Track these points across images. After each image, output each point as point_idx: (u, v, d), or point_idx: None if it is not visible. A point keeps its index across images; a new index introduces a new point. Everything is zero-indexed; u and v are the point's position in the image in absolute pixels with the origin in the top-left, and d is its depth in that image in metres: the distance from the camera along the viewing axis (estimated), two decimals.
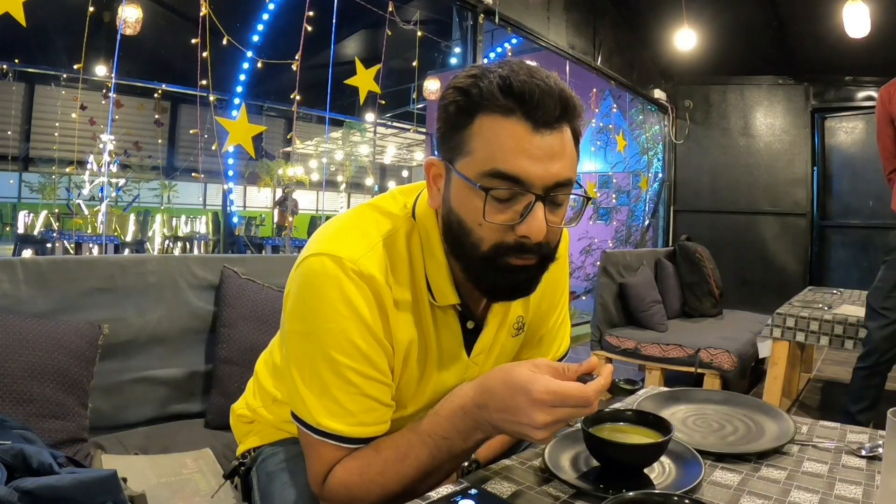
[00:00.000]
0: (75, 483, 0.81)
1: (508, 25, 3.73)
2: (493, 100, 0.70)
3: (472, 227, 0.73)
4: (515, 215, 0.71)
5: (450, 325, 0.84)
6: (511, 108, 0.69)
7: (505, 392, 0.69)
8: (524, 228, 0.71)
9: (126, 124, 10.57)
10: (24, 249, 7.53)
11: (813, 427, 0.95)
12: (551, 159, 0.70)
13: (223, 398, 1.51)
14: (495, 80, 0.70)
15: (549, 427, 0.67)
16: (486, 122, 0.70)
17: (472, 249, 0.74)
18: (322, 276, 0.74)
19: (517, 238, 0.72)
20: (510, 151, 0.69)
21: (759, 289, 5.30)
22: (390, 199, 0.85)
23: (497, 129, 0.70)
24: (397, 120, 13.84)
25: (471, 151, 0.71)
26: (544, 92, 0.69)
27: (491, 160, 0.70)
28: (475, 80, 0.71)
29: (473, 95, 0.71)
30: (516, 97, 0.69)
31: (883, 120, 2.46)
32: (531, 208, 0.71)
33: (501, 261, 0.74)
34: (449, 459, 0.75)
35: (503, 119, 0.70)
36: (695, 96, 5.78)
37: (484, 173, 0.70)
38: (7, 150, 11.80)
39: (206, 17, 3.32)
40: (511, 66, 0.71)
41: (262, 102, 12.17)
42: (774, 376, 2.71)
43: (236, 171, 9.10)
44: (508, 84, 0.69)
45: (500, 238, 0.73)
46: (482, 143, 0.70)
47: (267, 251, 8.57)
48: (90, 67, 7.31)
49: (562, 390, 0.66)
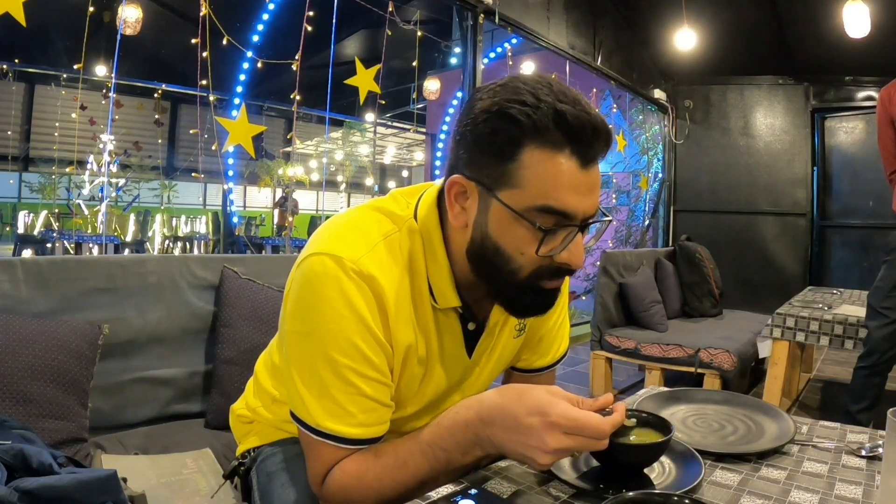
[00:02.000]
0: (75, 483, 0.81)
1: (508, 25, 3.73)
2: (546, 134, 0.68)
3: (513, 256, 0.73)
4: (556, 244, 0.73)
5: (451, 327, 0.84)
6: (563, 143, 0.69)
7: (519, 411, 0.68)
8: (566, 257, 0.74)
9: (126, 124, 10.56)
10: (24, 249, 7.53)
11: (813, 427, 0.95)
12: (593, 192, 0.72)
13: (223, 398, 1.51)
14: (549, 112, 0.68)
15: (556, 453, 0.67)
16: (537, 156, 0.69)
17: (509, 276, 0.75)
18: (322, 275, 0.74)
19: (555, 265, 0.74)
20: (562, 189, 0.70)
21: (759, 289, 5.29)
22: (391, 200, 0.85)
23: (548, 165, 0.69)
24: (397, 120, 13.85)
25: (519, 185, 0.70)
26: (595, 129, 0.69)
27: (543, 197, 0.70)
28: (526, 110, 0.68)
29: (525, 126, 0.68)
30: (570, 134, 0.69)
31: (884, 121, 2.46)
32: (572, 238, 0.73)
33: (536, 285, 0.76)
34: (446, 472, 0.75)
35: (554, 154, 0.69)
36: (695, 96, 5.78)
37: (534, 208, 0.70)
38: (7, 150, 11.80)
39: (206, 17, 3.32)
40: (557, 95, 0.69)
41: (262, 102, 12.18)
42: (774, 376, 2.71)
43: (236, 171, 9.09)
44: (564, 118, 0.68)
45: (538, 266, 0.74)
46: (533, 179, 0.70)
47: (267, 251, 8.56)
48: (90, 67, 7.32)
49: (581, 418, 0.66)
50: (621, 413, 0.70)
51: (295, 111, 3.77)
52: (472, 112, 0.72)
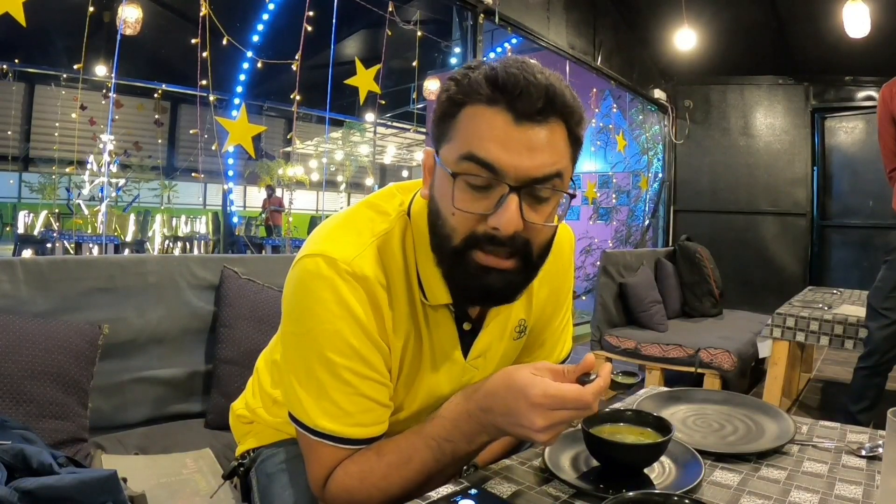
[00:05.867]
0: (75, 483, 0.81)
1: (508, 25, 3.73)
2: (480, 89, 0.69)
3: (447, 217, 0.72)
4: (489, 206, 0.70)
5: (443, 326, 0.83)
6: (495, 98, 0.69)
7: (507, 395, 0.69)
8: (495, 219, 0.69)
9: (126, 124, 10.57)
10: (24, 249, 7.52)
11: (813, 427, 0.95)
12: (531, 152, 0.69)
13: (223, 398, 1.51)
14: (485, 71, 0.70)
15: (549, 430, 0.67)
16: (471, 111, 0.70)
17: (445, 241, 0.73)
18: (316, 277, 0.74)
19: (487, 231, 0.70)
20: (487, 138, 0.69)
21: (759, 289, 5.29)
22: (387, 195, 0.85)
23: (478, 118, 0.70)
24: (397, 120, 13.84)
25: (452, 138, 0.72)
26: (530, 84, 0.68)
27: (467, 145, 0.69)
28: (467, 71, 0.72)
29: (463, 85, 0.71)
30: (500, 88, 0.68)
31: (885, 119, 2.46)
32: (504, 200, 0.69)
33: (471, 256, 0.72)
34: (452, 462, 0.75)
35: (487, 108, 0.69)
36: (695, 96, 5.78)
37: (459, 157, 0.70)
38: (7, 150, 11.81)
39: (206, 17, 3.32)
40: (506, 61, 0.71)
41: (262, 102, 12.17)
42: (774, 376, 2.71)
43: (236, 171, 9.09)
44: (495, 75, 0.69)
45: (471, 228, 0.71)
46: (463, 130, 0.70)
47: (267, 251, 8.56)
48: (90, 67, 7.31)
49: (560, 393, 0.66)
50: (605, 379, 0.69)
51: (295, 111, 3.78)
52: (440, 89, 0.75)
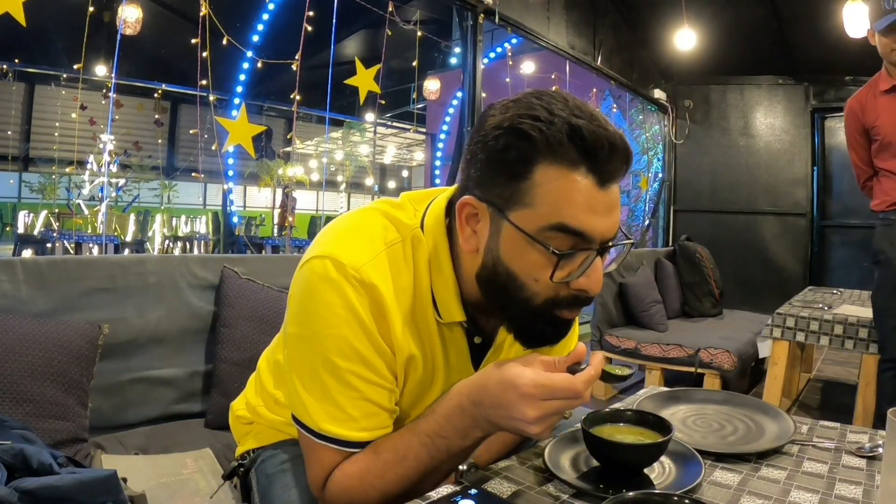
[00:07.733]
0: (75, 483, 0.81)
1: (508, 25, 3.73)
2: (560, 150, 0.65)
3: (526, 282, 0.70)
4: (574, 269, 0.69)
5: (456, 342, 0.82)
6: (578, 160, 0.65)
7: (497, 388, 0.69)
8: (584, 283, 0.69)
9: (126, 124, 10.57)
10: (24, 249, 7.53)
11: (813, 427, 0.95)
12: (612, 212, 0.68)
13: (223, 398, 1.51)
14: (563, 127, 0.65)
15: (541, 421, 0.67)
16: (551, 174, 0.66)
17: (522, 303, 0.71)
18: (324, 280, 0.73)
19: (572, 292, 0.70)
20: (577, 207, 0.66)
21: (759, 289, 5.29)
22: (399, 205, 0.82)
23: (563, 183, 0.66)
24: (397, 120, 13.85)
25: (531, 204, 0.67)
26: (613, 146, 0.66)
27: (556, 215, 0.66)
28: (539, 125, 0.65)
29: (538, 142, 0.65)
30: (586, 150, 0.65)
31: (856, 131, 2.46)
32: (590, 263, 0.68)
33: (554, 313, 0.72)
34: (448, 459, 0.75)
35: (569, 172, 0.66)
36: (695, 96, 5.78)
37: (548, 227, 0.66)
38: (7, 150, 11.82)
39: (206, 17, 3.32)
40: (573, 110, 0.66)
41: (262, 102, 12.17)
42: (774, 376, 2.71)
43: (236, 171, 9.09)
44: (579, 134, 0.65)
45: (554, 293, 0.70)
46: (546, 196, 0.66)
47: (267, 251, 8.56)
48: (90, 67, 7.31)
49: (549, 383, 0.66)
50: (596, 367, 0.69)
51: (295, 111, 3.77)
52: (484, 129, 0.69)
